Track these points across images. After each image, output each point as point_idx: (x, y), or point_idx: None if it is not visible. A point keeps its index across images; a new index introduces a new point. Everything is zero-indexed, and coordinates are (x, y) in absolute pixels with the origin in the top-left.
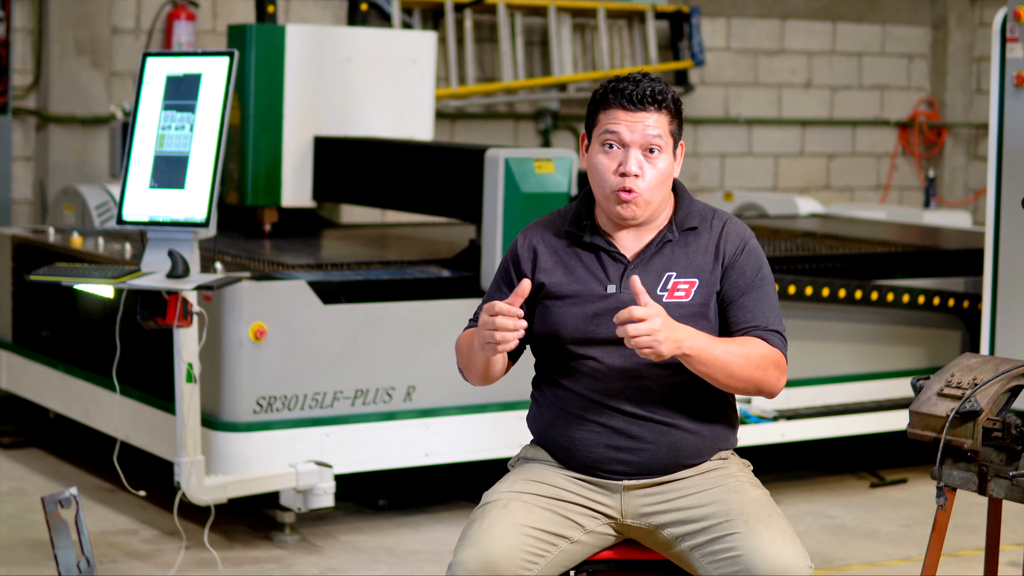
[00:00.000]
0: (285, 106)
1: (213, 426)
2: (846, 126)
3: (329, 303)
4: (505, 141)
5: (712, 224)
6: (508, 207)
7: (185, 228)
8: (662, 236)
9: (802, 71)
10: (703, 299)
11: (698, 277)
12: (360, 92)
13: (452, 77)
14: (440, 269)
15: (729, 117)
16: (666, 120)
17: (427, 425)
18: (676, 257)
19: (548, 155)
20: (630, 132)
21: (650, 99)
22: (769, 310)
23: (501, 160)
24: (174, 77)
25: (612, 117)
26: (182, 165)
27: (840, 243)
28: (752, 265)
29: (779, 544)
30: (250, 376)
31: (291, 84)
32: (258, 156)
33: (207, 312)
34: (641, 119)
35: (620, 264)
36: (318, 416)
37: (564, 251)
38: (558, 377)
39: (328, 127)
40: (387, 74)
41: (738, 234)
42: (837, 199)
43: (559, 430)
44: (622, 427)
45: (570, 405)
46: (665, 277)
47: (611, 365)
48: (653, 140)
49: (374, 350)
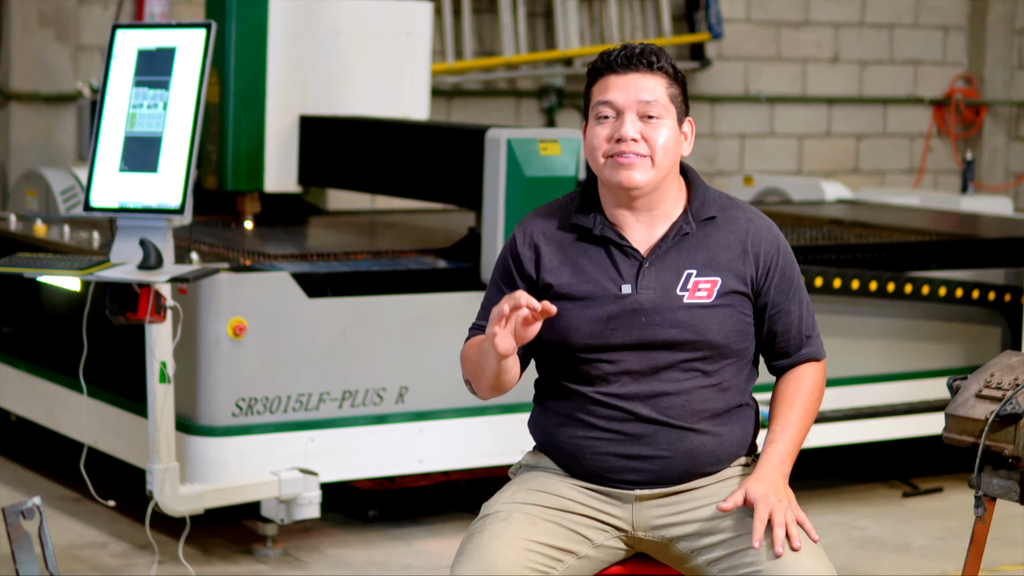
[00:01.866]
0: (268, 83)
1: (188, 430)
2: (876, 104)
3: (315, 296)
4: (506, 120)
5: (733, 215)
6: (511, 192)
7: (158, 215)
8: (678, 228)
9: (828, 44)
10: (728, 301)
11: (721, 275)
12: (349, 67)
13: (448, 51)
14: (436, 260)
15: (749, 94)
16: (663, 84)
17: (421, 429)
18: (695, 252)
19: (554, 135)
20: (622, 95)
21: (640, 59)
22: (808, 312)
23: (503, 141)
24: (146, 51)
25: (603, 87)
26: (155, 147)
27: (870, 231)
28: (790, 266)
29: (804, 558)
30: (229, 376)
31: (274, 59)
32: (239, 137)
33: (182, 306)
34: (633, 81)
35: (633, 260)
36: (303, 419)
37: (570, 246)
38: (565, 380)
39: (315, 105)
40: (379, 47)
41: (770, 232)
42: (867, 183)
43: (565, 435)
44: (635, 432)
45: (578, 409)
46: (685, 275)
47: (625, 368)
48: (649, 105)
49: (364, 348)
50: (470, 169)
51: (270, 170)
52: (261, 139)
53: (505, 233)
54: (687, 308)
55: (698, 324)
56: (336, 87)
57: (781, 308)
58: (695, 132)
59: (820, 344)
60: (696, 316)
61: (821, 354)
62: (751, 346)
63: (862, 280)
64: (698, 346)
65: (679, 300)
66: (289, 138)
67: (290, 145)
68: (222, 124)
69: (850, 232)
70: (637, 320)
